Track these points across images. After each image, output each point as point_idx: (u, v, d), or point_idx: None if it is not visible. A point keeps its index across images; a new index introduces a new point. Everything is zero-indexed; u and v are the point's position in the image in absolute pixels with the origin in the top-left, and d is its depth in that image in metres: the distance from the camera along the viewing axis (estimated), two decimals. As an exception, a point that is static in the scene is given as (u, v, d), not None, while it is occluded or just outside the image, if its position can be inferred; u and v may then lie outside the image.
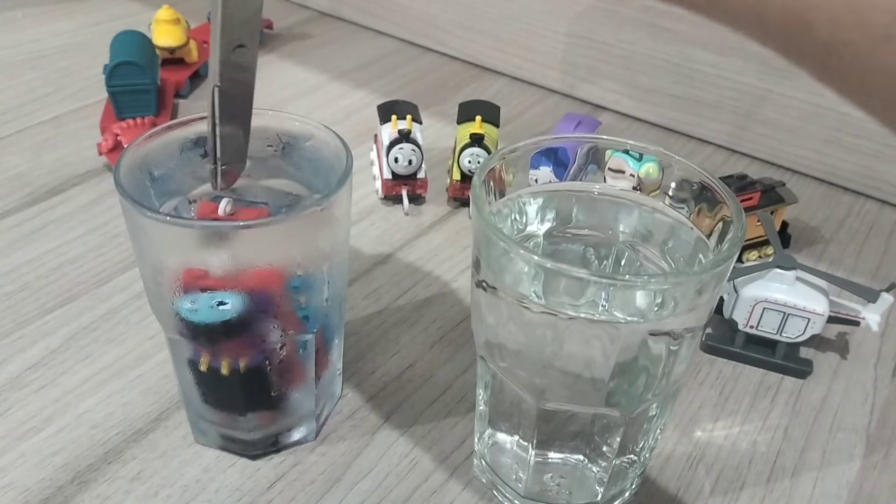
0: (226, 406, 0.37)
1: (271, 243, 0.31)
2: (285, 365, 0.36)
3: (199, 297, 0.32)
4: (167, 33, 0.70)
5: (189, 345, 0.34)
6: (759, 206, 0.51)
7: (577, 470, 0.35)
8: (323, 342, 0.37)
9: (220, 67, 0.31)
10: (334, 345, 0.39)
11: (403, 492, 0.37)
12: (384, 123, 0.57)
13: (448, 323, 0.47)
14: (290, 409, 0.37)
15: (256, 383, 0.36)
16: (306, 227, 0.32)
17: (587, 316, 0.28)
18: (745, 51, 0.63)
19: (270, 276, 0.32)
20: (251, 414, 0.37)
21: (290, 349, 0.35)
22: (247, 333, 0.33)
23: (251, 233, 0.31)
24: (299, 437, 0.39)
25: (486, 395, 0.35)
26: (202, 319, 0.32)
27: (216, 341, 0.34)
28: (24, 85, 0.72)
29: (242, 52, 0.31)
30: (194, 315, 0.32)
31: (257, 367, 0.35)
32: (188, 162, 0.36)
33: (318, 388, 0.38)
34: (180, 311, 0.32)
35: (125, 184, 0.31)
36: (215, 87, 0.32)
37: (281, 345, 0.35)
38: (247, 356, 0.34)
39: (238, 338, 0.34)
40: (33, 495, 0.36)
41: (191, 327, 0.33)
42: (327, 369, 0.39)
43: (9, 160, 0.61)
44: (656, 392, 0.31)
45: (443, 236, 0.55)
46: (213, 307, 0.32)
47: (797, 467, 0.39)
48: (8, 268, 0.49)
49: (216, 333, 0.33)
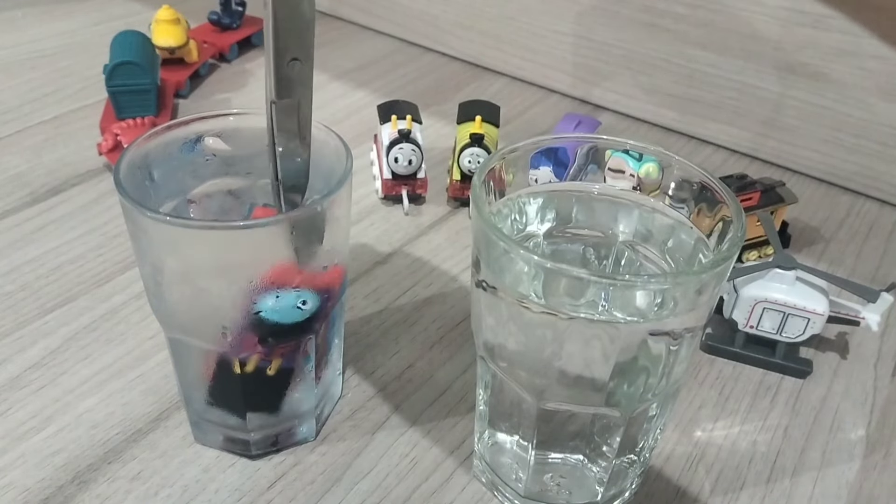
0: (258, 407, 0.37)
1: (271, 243, 0.31)
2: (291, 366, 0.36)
3: (285, 296, 0.32)
4: (167, 33, 0.70)
5: (232, 344, 0.34)
6: (759, 206, 0.51)
7: (577, 470, 0.35)
8: (323, 342, 0.37)
9: (275, 82, 0.31)
10: (334, 345, 0.39)
11: (403, 492, 0.37)
12: (384, 123, 0.57)
13: (448, 323, 0.47)
14: (289, 409, 0.37)
15: (285, 383, 0.36)
16: (304, 227, 0.32)
17: (587, 316, 0.28)
18: (745, 51, 0.63)
19: (337, 275, 0.33)
20: (252, 414, 0.37)
21: (294, 350, 0.35)
22: (309, 332, 0.34)
23: (251, 233, 0.31)
24: (299, 437, 0.39)
25: (486, 395, 0.35)
26: (283, 319, 0.33)
27: (284, 340, 0.34)
28: (24, 85, 0.72)
29: (296, 66, 0.31)
30: (275, 314, 0.32)
31: (290, 368, 0.35)
32: (188, 162, 0.36)
33: (318, 388, 0.38)
34: (262, 310, 0.32)
35: (125, 184, 0.31)
36: (272, 104, 0.31)
37: (316, 337, 0.35)
38: (285, 356, 0.35)
39: (301, 336, 0.34)
40: (33, 495, 0.36)
41: (265, 326, 0.33)
42: (327, 369, 0.39)
43: (9, 160, 0.61)
44: (656, 392, 0.31)
45: (443, 236, 0.55)
46: (295, 306, 0.32)
47: (797, 467, 0.39)
48: (8, 268, 0.49)
49: (289, 332, 0.33)
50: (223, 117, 0.37)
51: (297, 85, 0.31)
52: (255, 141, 0.35)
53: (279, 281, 0.32)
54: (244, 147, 0.37)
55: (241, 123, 0.37)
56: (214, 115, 0.37)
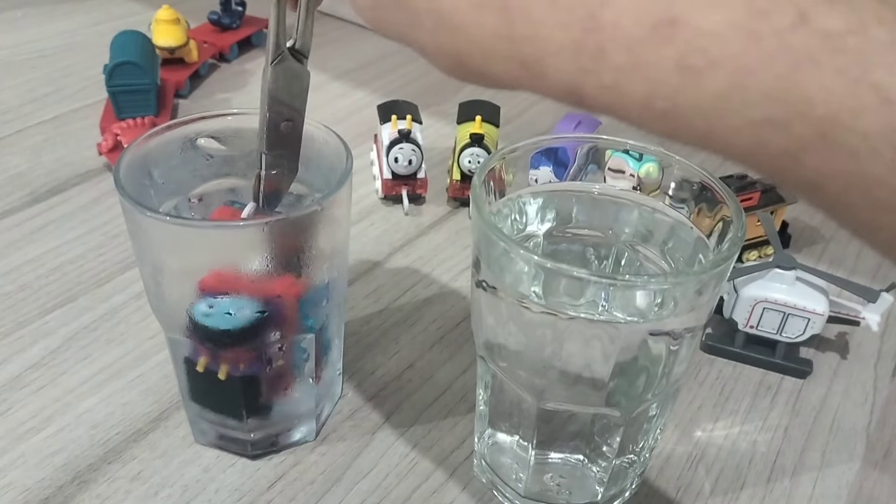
0: (221, 410, 0.37)
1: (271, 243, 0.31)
2: (282, 367, 0.36)
3: (217, 303, 0.32)
4: (167, 33, 0.70)
5: (189, 344, 0.34)
6: (759, 206, 0.51)
7: (577, 470, 0.35)
8: (322, 342, 0.37)
9: (267, 138, 0.32)
10: (334, 345, 0.39)
11: (403, 492, 0.37)
12: (384, 123, 0.57)
13: (448, 323, 0.47)
14: (289, 409, 0.37)
15: (251, 389, 0.36)
16: (306, 227, 0.32)
17: (587, 316, 0.28)
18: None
19: (288, 285, 0.32)
20: (250, 418, 0.37)
21: (288, 351, 0.35)
22: (253, 342, 0.34)
23: (250, 232, 0.31)
24: (299, 437, 0.39)
25: (486, 395, 0.35)
26: (216, 325, 0.32)
27: (223, 347, 0.34)
28: (24, 85, 0.72)
29: (289, 126, 0.32)
30: (208, 319, 0.32)
31: (253, 375, 0.35)
32: (188, 161, 0.36)
33: (318, 388, 0.38)
34: (194, 315, 0.32)
35: (125, 184, 0.31)
36: (262, 154, 0.33)
37: (280, 347, 0.35)
38: (246, 362, 0.34)
39: (243, 345, 0.33)
40: (33, 495, 0.36)
41: (200, 330, 0.33)
42: (327, 369, 0.39)
43: (9, 160, 0.61)
44: (656, 392, 0.31)
45: (443, 236, 0.55)
46: (230, 314, 0.32)
47: (797, 467, 0.39)
48: (8, 268, 0.49)
49: (226, 339, 0.33)
50: (222, 117, 0.37)
51: (288, 138, 0.33)
52: (253, 141, 0.35)
53: (214, 286, 0.31)
54: (242, 147, 0.37)
55: (239, 123, 0.37)
56: (214, 115, 0.37)
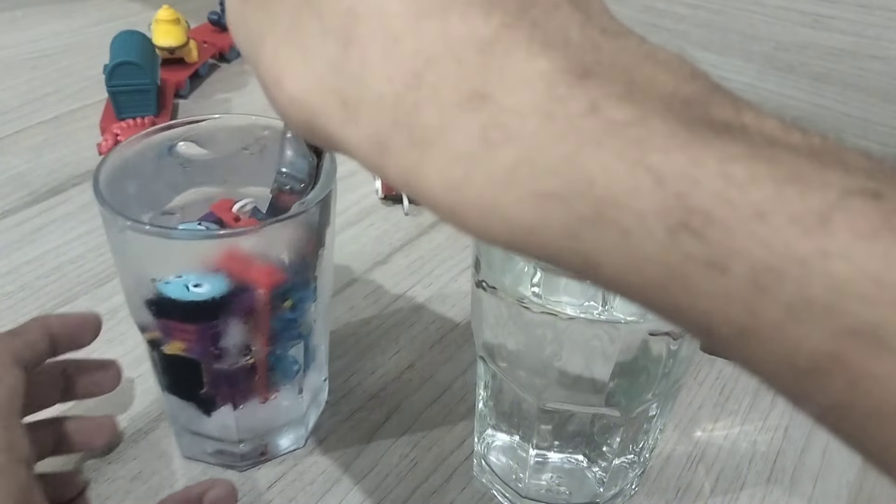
0: (168, 387, 0.35)
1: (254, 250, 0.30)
2: (256, 365, 0.34)
3: (182, 276, 0.30)
4: (167, 33, 0.70)
5: (152, 323, 0.33)
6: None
7: (577, 470, 0.35)
8: (308, 349, 0.36)
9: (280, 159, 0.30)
10: (320, 351, 0.38)
11: (403, 492, 0.37)
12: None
13: (448, 323, 0.47)
14: (275, 418, 0.37)
15: (190, 371, 0.34)
16: (288, 233, 0.31)
17: (587, 316, 0.28)
18: (745, 51, 0.63)
19: (261, 273, 0.31)
20: (215, 413, 0.35)
21: (262, 355, 0.34)
22: (211, 321, 0.32)
23: (231, 241, 0.30)
24: (287, 446, 0.38)
25: (486, 395, 0.35)
26: (171, 294, 0.31)
27: (178, 320, 0.32)
28: (24, 85, 0.72)
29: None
30: (166, 287, 0.31)
31: (194, 360, 0.33)
32: (163, 171, 0.35)
33: (303, 396, 0.37)
34: (156, 283, 0.31)
35: (105, 193, 0.30)
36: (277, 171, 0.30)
37: (245, 348, 0.33)
38: (200, 343, 0.33)
39: (199, 321, 0.32)
40: (33, 495, 0.36)
41: (158, 301, 0.31)
42: (313, 376, 0.38)
43: (9, 160, 0.61)
44: (656, 392, 0.31)
45: (443, 236, 0.55)
46: (186, 285, 0.30)
47: (797, 467, 0.39)
48: (8, 268, 0.49)
49: (185, 313, 0.31)
50: (195, 123, 0.35)
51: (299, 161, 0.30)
52: (232, 144, 0.35)
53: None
54: (220, 150, 0.36)
55: (215, 126, 0.36)
56: (186, 121, 0.35)
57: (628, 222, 0.15)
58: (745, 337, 0.15)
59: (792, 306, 0.14)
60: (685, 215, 0.15)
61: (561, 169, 0.16)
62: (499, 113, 0.16)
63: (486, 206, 0.17)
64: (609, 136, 0.16)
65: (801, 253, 0.14)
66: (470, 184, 0.17)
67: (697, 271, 0.15)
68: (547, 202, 0.16)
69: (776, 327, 0.14)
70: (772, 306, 0.14)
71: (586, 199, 0.16)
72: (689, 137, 0.15)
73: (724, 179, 0.15)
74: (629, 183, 0.15)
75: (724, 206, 0.14)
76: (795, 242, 0.14)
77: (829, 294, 0.14)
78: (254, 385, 0.35)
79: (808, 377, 0.14)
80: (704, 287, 0.15)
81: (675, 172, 0.15)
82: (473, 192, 0.17)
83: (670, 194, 0.15)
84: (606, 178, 0.15)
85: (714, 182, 0.15)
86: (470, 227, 0.17)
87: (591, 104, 0.16)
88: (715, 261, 0.14)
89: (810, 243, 0.14)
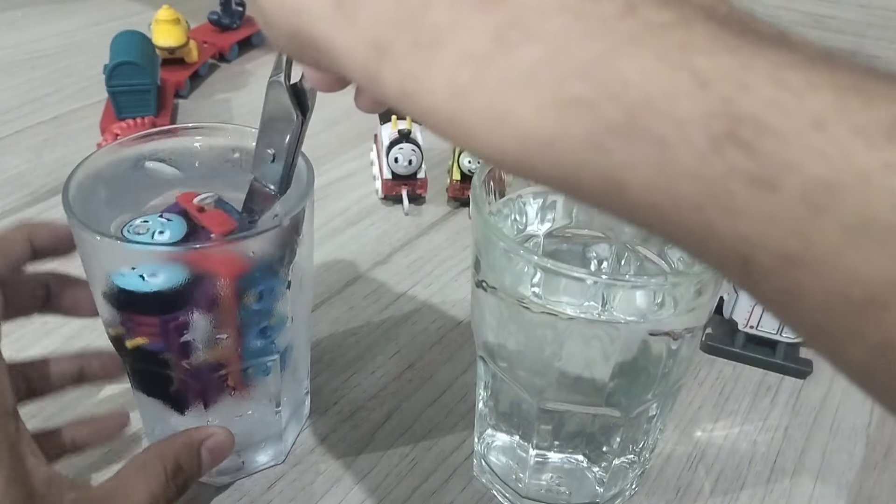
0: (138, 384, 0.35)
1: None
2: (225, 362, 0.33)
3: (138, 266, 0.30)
4: (167, 33, 0.70)
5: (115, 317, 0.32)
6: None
7: (577, 470, 0.35)
8: (286, 361, 0.35)
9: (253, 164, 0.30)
10: (301, 364, 0.37)
11: (403, 492, 0.37)
12: (384, 123, 0.57)
13: (448, 323, 0.47)
14: (251, 433, 0.36)
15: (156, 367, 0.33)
16: (266, 245, 0.30)
17: (587, 316, 0.28)
18: (745, 51, 0.63)
19: (223, 261, 0.30)
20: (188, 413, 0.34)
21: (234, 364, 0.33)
22: (169, 312, 0.31)
23: (208, 253, 0.29)
24: (265, 462, 0.38)
25: (486, 395, 0.35)
26: (124, 284, 0.30)
27: (135, 312, 0.31)
28: (24, 85, 0.72)
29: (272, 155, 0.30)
30: (120, 278, 0.30)
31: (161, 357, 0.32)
32: (138, 179, 0.34)
33: (281, 411, 0.36)
34: (111, 275, 0.30)
35: (74, 205, 0.30)
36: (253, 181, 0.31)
37: (212, 341, 0.32)
38: (156, 340, 0.32)
39: (157, 313, 0.31)
40: (33, 495, 0.36)
41: (116, 293, 0.30)
42: (292, 389, 0.37)
43: (9, 160, 0.61)
44: (656, 392, 0.31)
45: (443, 236, 0.55)
46: (140, 275, 0.29)
47: (797, 467, 0.39)
48: (8, 268, 0.49)
49: (140, 304, 0.30)
50: (168, 136, 0.35)
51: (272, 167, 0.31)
52: (214, 154, 0.34)
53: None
54: (191, 173, 0.35)
55: (184, 147, 0.35)
56: (158, 132, 0.35)
57: (665, 131, 0.13)
58: (792, 266, 0.13)
59: (850, 228, 0.12)
60: (732, 123, 0.13)
61: (590, 71, 0.14)
62: (519, 11, 0.15)
63: (496, 115, 0.15)
64: (649, 35, 0.14)
65: (864, 167, 0.12)
66: (480, 89, 0.15)
67: (741, 189, 0.13)
68: (570, 109, 0.14)
69: (830, 252, 0.12)
70: (827, 229, 0.12)
71: (618, 104, 0.14)
72: (736, 43, 0.14)
73: (779, 85, 0.13)
74: (670, 87, 0.13)
75: (778, 114, 0.13)
76: (858, 155, 0.12)
77: (894, 213, 0.12)
78: (226, 382, 0.34)
79: (862, 311, 0.13)
80: (748, 207, 0.13)
81: (723, 75, 0.13)
82: (482, 99, 0.15)
83: (716, 99, 0.13)
84: (643, 80, 0.13)
85: (766, 87, 0.13)
86: (474, 141, 0.15)
87: (627, 4, 0.14)
88: (763, 176, 0.13)
89: (875, 157, 0.12)
